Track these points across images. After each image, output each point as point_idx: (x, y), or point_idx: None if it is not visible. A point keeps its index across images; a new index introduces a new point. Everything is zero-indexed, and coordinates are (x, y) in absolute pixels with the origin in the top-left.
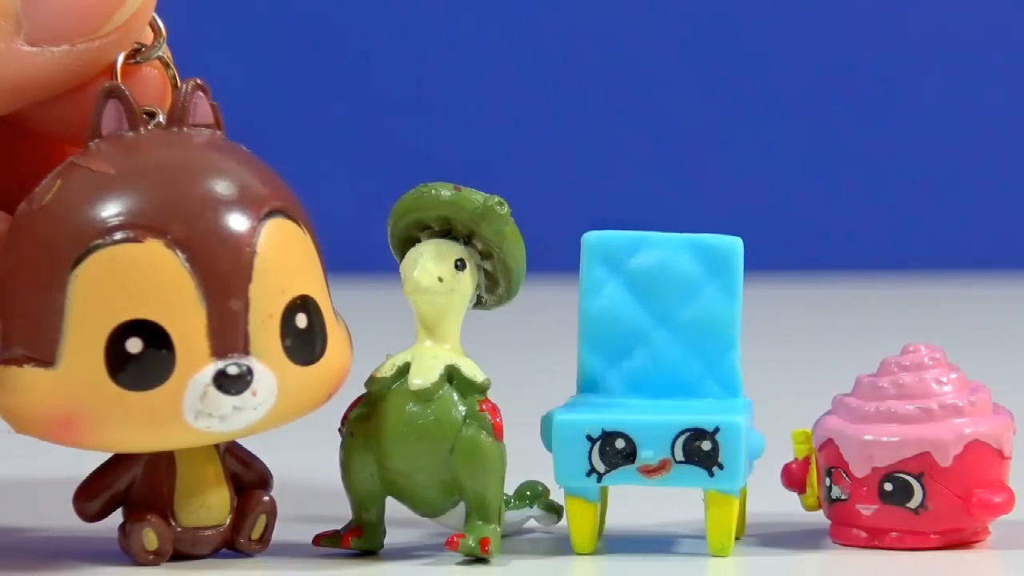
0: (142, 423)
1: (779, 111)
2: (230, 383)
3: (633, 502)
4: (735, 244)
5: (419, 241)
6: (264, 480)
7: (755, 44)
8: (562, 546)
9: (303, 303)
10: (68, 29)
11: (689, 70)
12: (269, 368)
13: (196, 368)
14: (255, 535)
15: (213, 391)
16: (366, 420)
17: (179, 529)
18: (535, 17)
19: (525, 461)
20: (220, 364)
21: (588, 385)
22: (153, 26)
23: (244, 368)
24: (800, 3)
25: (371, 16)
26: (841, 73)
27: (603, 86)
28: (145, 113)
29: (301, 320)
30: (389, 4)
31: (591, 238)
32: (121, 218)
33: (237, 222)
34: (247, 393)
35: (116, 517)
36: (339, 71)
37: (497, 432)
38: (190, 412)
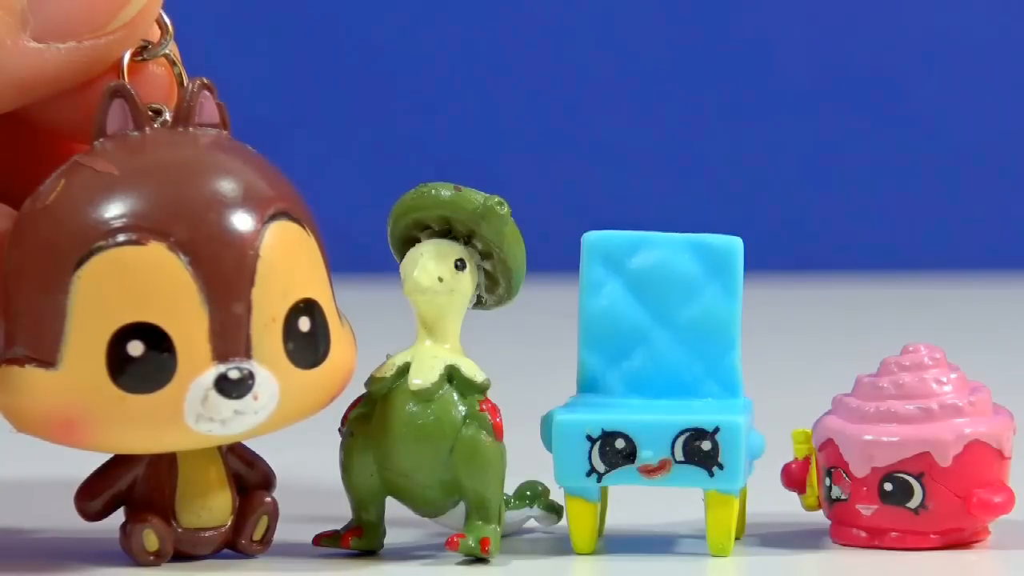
0: (143, 426)
1: (779, 111)
2: (231, 387)
3: (633, 502)
4: (735, 244)
5: (419, 241)
6: (267, 480)
7: (755, 44)
8: (562, 546)
9: (306, 306)
10: (74, 26)
11: (689, 70)
12: (271, 372)
13: (197, 372)
14: (256, 536)
15: (214, 395)
16: (366, 420)
17: (180, 530)
18: (535, 17)
19: (525, 461)
20: (221, 368)
21: (588, 385)
22: (160, 23)
23: (245, 372)
24: (800, 3)
25: (373, 16)
26: (841, 73)
27: (603, 86)
28: (151, 111)
29: (304, 324)
30: (391, 4)
31: (591, 238)
32: (124, 220)
33: (241, 225)
34: (248, 397)
35: (117, 517)
36: (340, 70)
37: (497, 432)
38: (191, 415)
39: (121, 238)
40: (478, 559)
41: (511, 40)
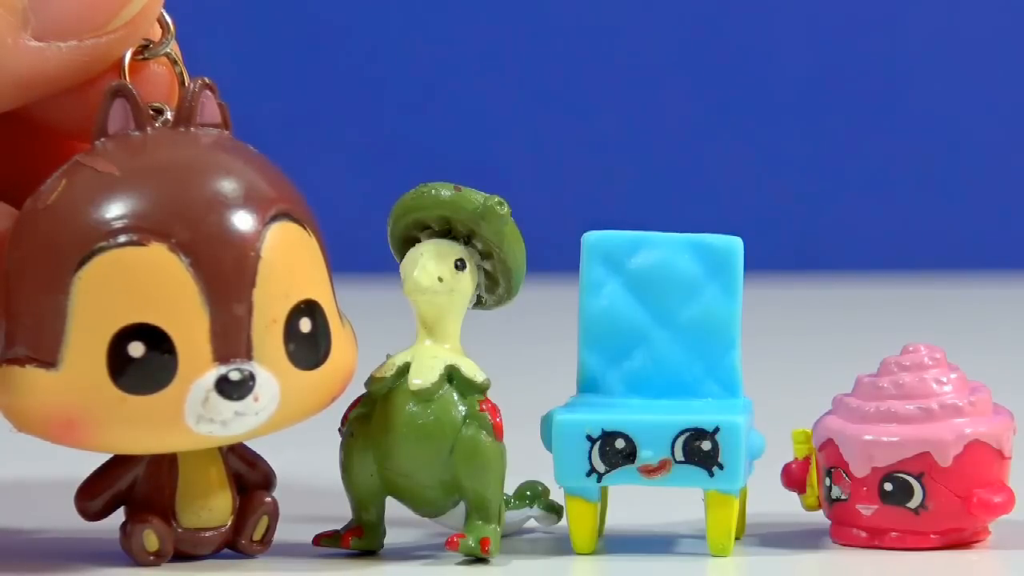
0: (143, 427)
1: (779, 111)
2: (232, 388)
3: (633, 502)
4: (735, 244)
5: (419, 241)
6: (268, 480)
7: (755, 44)
8: (562, 546)
9: (307, 308)
10: (75, 25)
11: (689, 70)
12: (272, 373)
13: (198, 373)
14: (257, 536)
15: (215, 396)
16: (366, 420)
17: (180, 530)
18: (535, 16)
19: (525, 461)
20: (222, 369)
21: (588, 385)
22: (161, 22)
23: (246, 373)
24: (800, 3)
25: (373, 16)
26: (841, 73)
27: (603, 86)
28: (152, 110)
29: (305, 325)
30: (391, 4)
31: (591, 238)
32: (125, 220)
33: (242, 226)
34: (249, 399)
35: (117, 517)
36: (339, 70)
37: (497, 432)
38: (191, 416)
39: (122, 239)
40: (478, 559)
41: (512, 40)
